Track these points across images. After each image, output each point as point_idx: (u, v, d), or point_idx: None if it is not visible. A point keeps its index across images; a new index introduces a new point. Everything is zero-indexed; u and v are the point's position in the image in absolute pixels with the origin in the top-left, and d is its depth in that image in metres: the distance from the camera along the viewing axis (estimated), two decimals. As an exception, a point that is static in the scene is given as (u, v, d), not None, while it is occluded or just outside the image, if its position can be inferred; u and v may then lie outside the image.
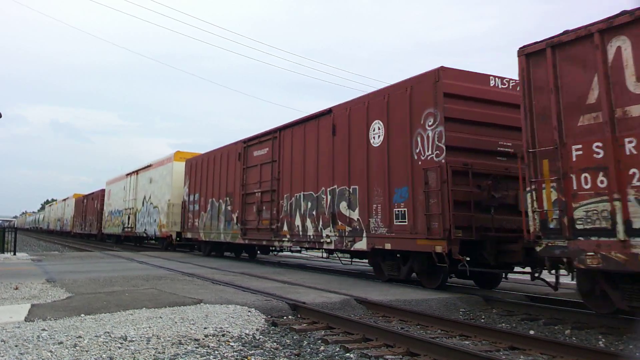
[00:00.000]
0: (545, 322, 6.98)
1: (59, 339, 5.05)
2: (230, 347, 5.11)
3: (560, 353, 5.06)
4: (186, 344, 5.08)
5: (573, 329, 6.55)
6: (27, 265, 13.69)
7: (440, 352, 4.83)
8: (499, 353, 5.23)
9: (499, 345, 5.52)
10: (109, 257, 17.63)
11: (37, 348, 4.73)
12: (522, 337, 5.61)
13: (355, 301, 7.75)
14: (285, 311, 7.05)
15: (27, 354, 4.55)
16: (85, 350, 4.71)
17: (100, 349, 4.77)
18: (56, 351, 4.65)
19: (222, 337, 5.46)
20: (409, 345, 5.17)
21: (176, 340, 5.19)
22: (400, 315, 7.08)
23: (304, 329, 6.07)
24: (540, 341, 5.43)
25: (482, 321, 7.18)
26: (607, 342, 5.94)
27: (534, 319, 7.27)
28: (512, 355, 5.23)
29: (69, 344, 4.87)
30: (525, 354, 5.22)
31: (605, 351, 5.14)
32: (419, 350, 5.02)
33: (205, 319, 6.16)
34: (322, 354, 5.06)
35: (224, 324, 5.97)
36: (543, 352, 5.19)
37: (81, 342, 4.94)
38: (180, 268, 13.03)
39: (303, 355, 4.99)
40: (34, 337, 5.11)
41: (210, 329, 5.69)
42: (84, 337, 5.11)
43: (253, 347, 5.15)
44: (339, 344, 5.36)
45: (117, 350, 4.75)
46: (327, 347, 5.29)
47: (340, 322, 6.25)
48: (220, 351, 4.91)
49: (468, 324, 6.41)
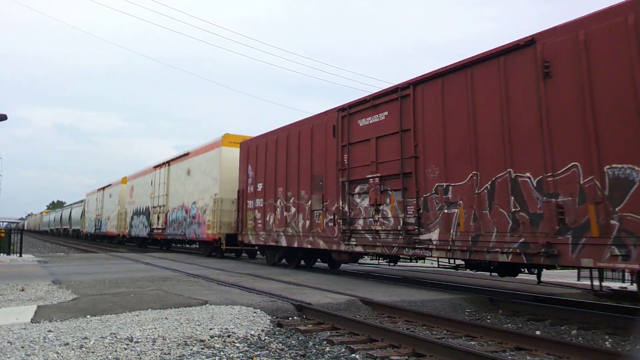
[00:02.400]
0: (552, 323, 6.96)
1: (65, 340, 5.07)
2: (235, 348, 5.12)
3: (567, 353, 5.04)
4: (192, 345, 5.09)
5: (579, 330, 6.52)
6: (33, 267, 13.76)
7: (446, 353, 4.81)
8: (505, 354, 5.21)
9: (505, 346, 5.50)
10: (114, 259, 17.68)
11: (44, 349, 4.75)
12: (528, 338, 5.58)
13: (361, 302, 7.74)
14: (291, 312, 7.05)
15: (33, 355, 4.56)
16: (92, 352, 4.72)
17: (106, 350, 4.78)
18: (62, 352, 4.66)
19: (228, 338, 5.46)
20: (414, 345, 5.15)
21: (182, 341, 5.20)
22: (405, 315, 7.07)
23: (309, 330, 6.07)
24: (546, 341, 5.40)
25: (488, 321, 7.16)
26: (614, 342, 5.91)
27: (540, 319, 7.24)
28: (518, 355, 5.21)
29: (75, 345, 4.88)
30: (531, 355, 5.20)
31: (612, 351, 5.11)
32: (425, 351, 5.00)
33: (210, 320, 6.17)
34: (328, 354, 5.05)
35: (230, 325, 5.97)
36: (549, 352, 5.17)
37: (87, 343, 4.95)
38: (185, 269, 13.05)
39: (309, 356, 4.98)
40: (40, 338, 5.13)
41: (215, 329, 5.70)
42: (90, 338, 5.13)
43: (259, 348, 5.15)
44: (344, 345, 5.36)
45: (123, 352, 4.76)
46: (333, 348, 5.28)
47: (346, 323, 6.24)
48: (225, 352, 4.92)
49: (474, 324, 6.38)
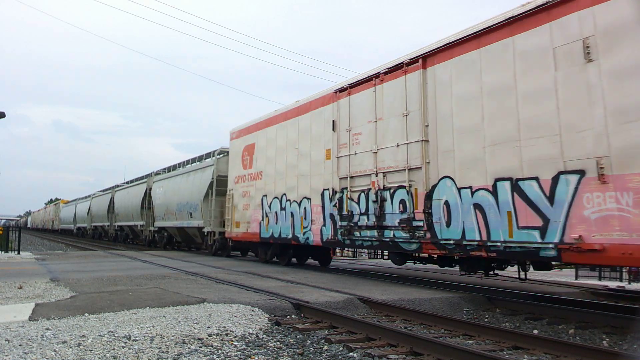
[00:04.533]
0: (549, 322, 6.97)
1: (63, 338, 5.06)
2: (233, 346, 5.12)
3: (564, 352, 5.05)
4: (190, 343, 5.08)
5: (577, 329, 6.53)
6: (31, 265, 13.74)
7: (443, 352, 4.82)
8: (502, 352, 5.22)
9: (503, 345, 5.51)
10: (112, 257, 17.67)
11: (41, 347, 4.74)
12: (526, 337, 5.60)
13: (359, 300, 7.75)
14: (289, 310, 7.06)
15: (31, 353, 4.56)
16: (89, 350, 4.72)
17: (104, 348, 4.78)
18: (60, 350, 4.66)
19: (226, 336, 5.46)
20: (412, 344, 5.16)
21: (180, 339, 5.20)
22: (403, 314, 7.08)
23: (307, 329, 6.07)
24: (544, 340, 5.41)
25: (485, 320, 7.17)
26: (611, 341, 5.92)
27: (537, 318, 7.25)
28: (515, 354, 5.22)
29: (72, 343, 4.88)
30: (529, 354, 5.21)
31: (609, 351, 5.12)
32: (423, 350, 5.01)
33: (208, 318, 6.17)
34: (326, 353, 5.06)
35: (228, 323, 5.97)
36: (547, 351, 5.18)
37: (85, 342, 4.95)
38: (183, 267, 13.05)
39: (306, 354, 4.99)
40: (38, 336, 5.12)
41: (213, 328, 5.70)
42: (87, 337, 5.13)
43: (256, 347, 5.15)
44: (342, 344, 5.36)
45: (120, 350, 4.76)
46: (331, 347, 5.28)
47: (344, 322, 6.25)
48: (223, 350, 4.92)
49: (471, 323, 6.39)
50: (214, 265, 14.06)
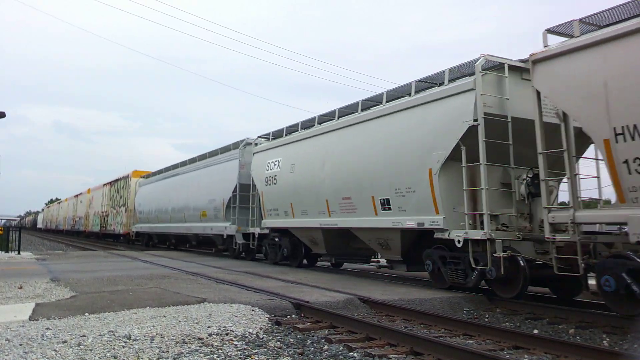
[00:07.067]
0: (549, 322, 6.96)
1: (63, 338, 5.06)
2: (233, 346, 5.12)
3: (564, 352, 5.04)
4: (190, 343, 5.08)
5: (577, 328, 6.53)
6: (31, 265, 13.74)
7: (444, 352, 4.82)
8: (502, 352, 5.22)
9: (503, 345, 5.50)
10: (112, 257, 17.67)
11: (42, 347, 4.74)
12: (526, 337, 5.60)
13: (359, 300, 7.75)
14: (289, 310, 7.06)
15: (31, 352, 4.56)
16: (90, 349, 4.72)
17: (104, 348, 4.78)
18: (60, 350, 4.66)
19: (226, 336, 5.46)
20: (412, 344, 5.16)
21: (180, 339, 5.20)
22: (403, 314, 7.08)
23: (307, 328, 6.07)
24: (544, 340, 5.41)
25: (485, 320, 7.17)
26: (611, 341, 5.92)
27: (537, 318, 7.24)
28: (516, 354, 5.21)
29: (73, 343, 4.88)
30: (529, 353, 5.21)
31: (610, 350, 5.12)
32: (423, 350, 5.01)
33: (208, 318, 6.17)
34: (326, 353, 5.06)
35: (228, 323, 5.97)
36: (547, 351, 5.17)
37: (85, 341, 4.95)
38: (184, 267, 13.05)
39: (306, 354, 4.99)
40: (38, 336, 5.12)
41: (213, 328, 5.70)
42: (88, 336, 5.13)
43: (256, 346, 5.15)
44: (342, 343, 5.36)
45: (121, 349, 4.76)
46: (331, 347, 5.28)
47: (344, 321, 6.25)
48: (223, 350, 4.92)
49: (472, 323, 6.39)
50: (214, 265, 14.07)
